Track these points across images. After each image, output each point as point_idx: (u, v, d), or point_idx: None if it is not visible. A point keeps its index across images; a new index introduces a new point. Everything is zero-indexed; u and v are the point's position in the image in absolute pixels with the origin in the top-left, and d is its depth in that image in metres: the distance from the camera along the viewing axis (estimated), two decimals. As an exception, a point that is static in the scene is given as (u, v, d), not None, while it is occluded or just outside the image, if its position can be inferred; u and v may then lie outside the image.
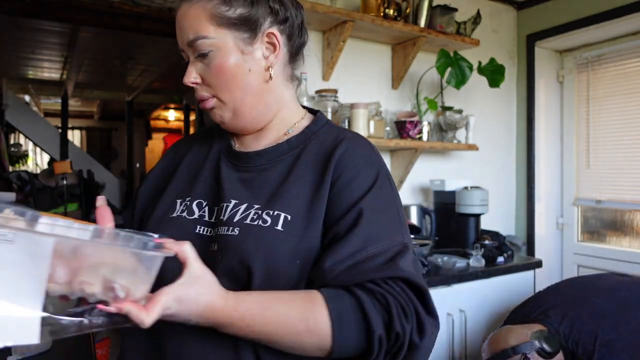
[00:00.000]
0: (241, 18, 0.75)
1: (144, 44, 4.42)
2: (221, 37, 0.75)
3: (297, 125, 0.85)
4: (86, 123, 9.36)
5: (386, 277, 0.65)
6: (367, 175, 0.76)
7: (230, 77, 0.76)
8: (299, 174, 0.77)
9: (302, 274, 0.71)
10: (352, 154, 0.77)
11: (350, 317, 0.63)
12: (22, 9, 2.01)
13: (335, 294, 0.65)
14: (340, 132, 0.83)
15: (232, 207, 0.75)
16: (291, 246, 0.71)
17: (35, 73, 5.70)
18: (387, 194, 0.76)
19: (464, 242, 2.30)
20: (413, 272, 0.67)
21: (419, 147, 2.25)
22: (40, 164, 8.31)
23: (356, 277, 0.65)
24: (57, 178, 4.15)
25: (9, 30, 3.94)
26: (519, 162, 2.95)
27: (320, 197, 0.74)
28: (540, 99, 2.88)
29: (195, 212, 0.79)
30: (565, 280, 1.86)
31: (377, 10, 2.11)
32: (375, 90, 2.41)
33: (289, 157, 0.80)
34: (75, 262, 0.53)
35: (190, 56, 0.77)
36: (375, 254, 0.67)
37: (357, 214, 0.71)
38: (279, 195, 0.75)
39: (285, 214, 0.72)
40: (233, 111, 0.79)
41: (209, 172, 0.83)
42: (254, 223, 0.72)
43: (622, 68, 2.65)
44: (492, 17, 2.82)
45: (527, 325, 1.58)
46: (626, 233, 2.67)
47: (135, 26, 2.19)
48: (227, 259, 0.71)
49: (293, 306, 0.64)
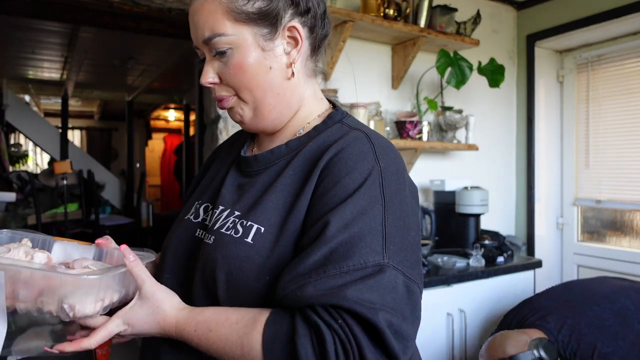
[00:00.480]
0: (260, 12, 0.70)
1: (144, 44, 4.42)
2: (239, 33, 0.70)
3: (310, 124, 0.78)
4: (86, 123, 9.36)
5: (327, 305, 0.56)
6: (353, 178, 0.64)
7: (250, 76, 0.71)
8: (285, 181, 0.71)
9: (270, 290, 0.64)
10: (342, 156, 0.67)
11: (280, 348, 0.57)
12: (22, 9, 2.01)
13: (277, 318, 0.60)
14: (348, 131, 0.73)
15: (218, 213, 0.75)
16: (259, 261, 0.65)
17: (35, 73, 5.69)
18: (371, 200, 0.63)
19: (464, 242, 2.30)
20: (365, 303, 0.55)
21: (419, 147, 2.25)
22: (40, 164, 8.30)
23: (300, 301, 0.58)
24: (57, 178, 4.14)
25: (9, 30, 3.94)
26: (519, 162, 2.95)
27: (299, 207, 0.66)
28: (540, 99, 2.88)
29: (200, 216, 0.80)
30: (562, 284, 1.85)
31: (377, 10, 2.11)
32: (375, 90, 2.41)
33: (281, 162, 0.75)
34: (35, 286, 0.61)
35: (207, 54, 0.73)
36: (333, 274, 0.57)
37: (323, 224, 0.61)
38: (259, 204, 0.70)
39: (259, 226, 0.67)
40: (254, 111, 0.74)
41: (221, 176, 0.84)
42: (227, 232, 0.70)
43: (622, 68, 2.65)
44: (492, 17, 2.82)
45: (524, 330, 1.57)
46: (626, 233, 2.67)
47: (135, 26, 2.19)
48: (201, 266, 0.71)
49: (235, 329, 0.61)
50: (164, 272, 0.79)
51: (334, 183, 0.64)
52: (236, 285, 0.66)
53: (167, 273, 0.79)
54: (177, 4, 2.01)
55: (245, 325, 0.61)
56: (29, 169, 7.19)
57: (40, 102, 7.85)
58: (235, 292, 0.66)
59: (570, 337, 1.50)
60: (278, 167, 0.74)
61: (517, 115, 2.96)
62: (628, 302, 1.57)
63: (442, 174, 2.63)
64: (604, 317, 1.52)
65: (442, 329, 1.93)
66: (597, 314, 1.54)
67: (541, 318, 1.60)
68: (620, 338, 1.47)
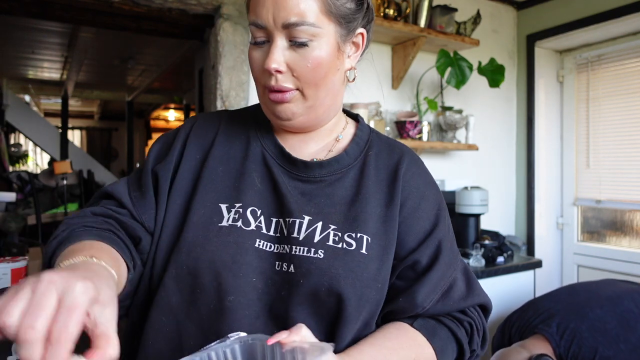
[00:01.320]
0: (350, 13, 0.68)
1: (144, 44, 4.42)
2: (327, 28, 0.66)
3: (345, 131, 0.80)
4: (86, 123, 9.37)
5: (470, 306, 0.75)
6: (433, 197, 0.77)
7: (323, 73, 0.68)
8: (368, 191, 0.73)
9: (380, 296, 0.71)
10: (414, 173, 0.77)
11: (449, 348, 0.72)
12: (22, 9, 2.01)
13: (432, 330, 0.72)
14: (390, 142, 0.81)
15: (307, 225, 0.69)
16: (374, 270, 0.69)
17: (35, 73, 5.70)
18: (448, 216, 0.79)
19: (464, 242, 2.30)
20: (485, 294, 0.77)
21: (419, 147, 2.25)
22: (40, 164, 8.31)
23: (446, 308, 0.73)
24: (57, 178, 4.14)
25: (9, 30, 3.94)
26: (519, 162, 2.95)
27: (392, 217, 0.72)
28: (540, 99, 2.88)
29: (251, 223, 0.70)
30: (567, 286, 1.84)
31: (377, 10, 2.11)
32: (375, 90, 2.41)
33: (351, 170, 0.75)
34: None
35: (277, 38, 0.66)
36: (454, 278, 0.74)
37: (437, 244, 0.74)
38: (356, 215, 0.70)
39: (367, 236, 0.69)
40: (308, 109, 0.71)
41: (259, 175, 0.74)
42: (337, 246, 0.68)
43: (622, 68, 2.65)
44: (492, 17, 2.82)
45: (524, 344, 1.56)
46: (626, 233, 2.67)
47: (135, 26, 2.19)
48: (311, 283, 0.65)
49: (406, 354, 0.68)
50: (226, 294, 0.66)
51: (421, 198, 0.76)
52: (360, 296, 0.67)
53: (231, 295, 0.66)
54: (177, 4, 2.01)
55: (411, 347, 0.69)
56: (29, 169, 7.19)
57: (40, 102, 7.85)
58: (359, 303, 0.67)
59: (572, 341, 1.50)
60: (351, 177, 0.74)
61: (517, 115, 2.96)
62: (632, 305, 1.57)
63: (442, 174, 2.63)
64: (606, 320, 1.52)
65: (442, 329, 1.93)
66: (599, 317, 1.53)
67: (543, 322, 1.59)
68: (622, 341, 1.47)
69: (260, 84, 0.71)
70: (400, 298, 0.71)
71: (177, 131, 0.80)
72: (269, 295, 0.67)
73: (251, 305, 0.66)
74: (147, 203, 0.73)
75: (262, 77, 0.69)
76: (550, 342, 1.52)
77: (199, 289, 0.67)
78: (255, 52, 0.69)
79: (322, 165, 0.74)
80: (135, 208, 0.72)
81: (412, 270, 0.73)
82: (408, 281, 0.72)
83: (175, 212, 0.72)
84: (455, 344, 0.73)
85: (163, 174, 0.74)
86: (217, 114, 0.83)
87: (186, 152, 0.75)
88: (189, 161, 0.75)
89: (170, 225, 0.71)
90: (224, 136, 0.78)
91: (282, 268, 0.67)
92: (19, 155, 6.05)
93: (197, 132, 0.78)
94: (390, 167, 0.76)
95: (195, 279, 0.67)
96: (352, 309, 0.66)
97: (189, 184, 0.73)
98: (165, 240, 0.71)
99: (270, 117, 0.74)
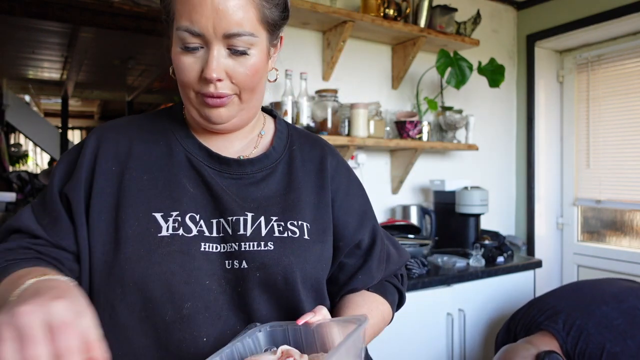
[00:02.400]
0: (279, 20, 0.71)
1: (144, 44, 4.42)
2: (262, 37, 0.69)
3: (265, 126, 0.84)
4: (86, 123, 9.36)
5: (404, 264, 0.92)
6: (355, 179, 0.88)
7: (259, 80, 0.72)
8: (299, 182, 0.78)
9: (325, 274, 0.78)
10: (338, 162, 0.86)
11: (395, 297, 0.89)
12: (22, 9, 2.01)
13: (383, 289, 0.86)
14: (309, 136, 0.88)
15: (251, 221, 0.71)
16: (318, 252, 0.75)
17: (35, 73, 5.70)
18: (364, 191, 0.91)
19: (464, 242, 2.30)
20: (404, 249, 0.94)
21: (419, 147, 2.25)
22: (40, 164, 8.31)
23: (389, 272, 0.88)
24: (57, 178, 4.14)
25: (9, 30, 3.94)
26: (519, 162, 2.95)
27: (325, 203, 0.79)
28: (540, 99, 2.88)
29: (192, 229, 0.69)
30: (570, 283, 1.84)
31: (377, 10, 2.11)
32: (375, 90, 2.41)
33: (279, 164, 0.79)
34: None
35: (215, 46, 0.65)
36: (387, 245, 0.88)
37: (373, 222, 0.86)
38: (292, 204, 0.75)
39: (306, 223, 0.75)
40: (241, 112, 0.73)
41: (188, 179, 0.73)
42: (283, 235, 0.72)
43: (622, 68, 2.65)
44: (492, 17, 2.82)
45: (531, 340, 1.55)
46: (626, 233, 2.67)
47: (135, 26, 2.19)
48: (267, 274, 0.69)
49: (376, 314, 0.81)
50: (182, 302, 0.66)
51: (347, 185, 0.85)
52: (311, 280, 0.74)
53: (187, 301, 0.66)
54: (177, 4, 2.00)
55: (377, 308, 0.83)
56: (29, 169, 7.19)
57: (40, 102, 7.85)
58: (310, 287, 0.74)
59: (579, 337, 1.49)
60: (280, 170, 0.79)
61: (517, 115, 2.96)
62: (636, 302, 1.57)
63: (442, 174, 2.63)
64: (613, 317, 1.52)
65: (442, 329, 1.93)
66: (605, 313, 1.53)
67: (549, 318, 1.59)
68: (629, 337, 1.46)
69: (192, 90, 0.70)
70: (359, 276, 0.82)
71: (80, 148, 0.75)
72: (225, 294, 0.69)
73: (210, 307, 0.67)
74: (63, 228, 0.69)
75: (196, 83, 0.68)
76: (557, 339, 1.52)
77: (150, 304, 0.65)
78: (187, 58, 0.67)
79: (252, 162, 0.77)
80: (50, 235, 0.69)
81: (358, 249, 0.82)
82: (358, 258, 0.83)
83: (101, 229, 0.68)
84: (397, 292, 0.89)
85: (74, 194, 0.70)
86: (124, 122, 0.79)
87: (98, 167, 0.72)
88: (104, 174, 0.71)
89: (100, 243, 0.68)
90: (141, 144, 0.75)
91: (234, 265, 0.69)
92: (19, 155, 6.06)
93: (107, 144, 0.74)
94: (316, 158, 0.83)
95: (144, 293, 0.65)
96: (305, 291, 0.73)
97: (111, 198, 0.70)
98: (101, 259, 0.68)
99: (200, 120, 0.73)
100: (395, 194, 2.48)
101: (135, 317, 0.66)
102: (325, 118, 2.03)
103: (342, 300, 0.82)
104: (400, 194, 2.50)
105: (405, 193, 2.52)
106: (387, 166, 2.46)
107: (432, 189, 2.48)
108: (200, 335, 0.66)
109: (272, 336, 0.64)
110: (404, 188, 2.51)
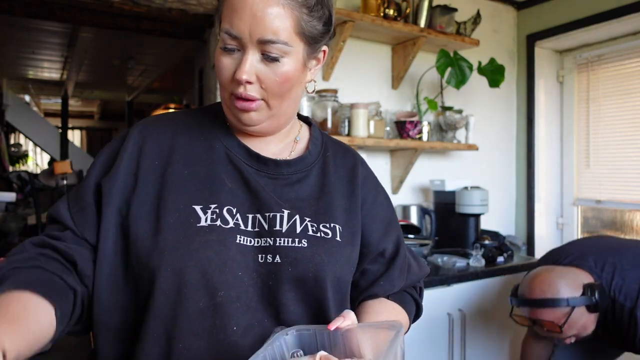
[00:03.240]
0: (318, 35, 0.73)
1: (144, 44, 4.43)
2: (297, 47, 0.71)
3: (301, 133, 0.87)
4: (86, 123, 9.37)
5: (423, 277, 0.94)
6: (382, 190, 0.92)
7: (289, 88, 0.73)
8: (332, 187, 0.82)
9: (350, 277, 0.81)
10: (368, 172, 0.91)
11: (413, 308, 0.91)
12: (22, 9, 2.02)
13: (402, 298, 0.88)
14: (341, 145, 0.91)
15: (287, 218, 0.75)
16: (347, 254, 0.78)
17: (35, 73, 5.70)
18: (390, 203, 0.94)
19: (464, 242, 2.30)
20: (424, 263, 0.96)
21: (419, 147, 2.25)
22: (40, 164, 8.31)
23: (409, 283, 0.90)
24: (57, 178, 4.14)
25: (9, 30, 3.94)
26: (519, 162, 2.95)
27: (355, 209, 0.82)
28: (540, 99, 2.88)
29: (229, 221, 0.72)
30: (586, 237, 1.75)
31: (377, 10, 2.11)
32: (375, 90, 2.41)
33: (313, 169, 0.83)
34: None
35: (250, 50, 0.69)
36: (408, 257, 0.90)
37: (397, 231, 0.89)
38: (325, 208, 0.79)
39: (339, 225, 0.78)
40: (272, 117, 0.76)
41: (228, 175, 0.76)
42: (317, 235, 0.75)
43: (622, 68, 2.65)
44: (492, 17, 2.82)
45: (572, 270, 1.48)
46: (626, 233, 2.67)
47: (135, 26, 2.19)
48: (299, 270, 0.72)
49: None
50: (216, 290, 0.68)
51: (375, 194, 0.89)
52: (339, 281, 0.77)
53: (221, 290, 0.69)
54: (177, 4, 2.01)
55: (397, 317, 0.85)
56: (29, 169, 7.19)
57: (40, 102, 7.86)
58: (339, 287, 0.77)
59: (614, 273, 1.44)
60: (315, 174, 0.82)
61: (517, 115, 2.96)
62: None
63: (442, 174, 2.63)
64: None
65: (442, 328, 1.93)
66: (636, 253, 1.49)
67: (578, 258, 1.52)
68: None
69: (227, 90, 0.73)
70: (381, 282, 0.84)
71: (122, 141, 0.78)
72: (256, 287, 0.71)
73: (241, 297, 0.70)
74: (89, 219, 0.72)
75: (230, 84, 0.72)
76: (592, 274, 1.46)
77: (185, 289, 0.68)
78: (225, 59, 0.71)
79: (289, 163, 0.80)
80: (77, 226, 0.72)
81: (382, 257, 0.85)
82: (381, 266, 0.85)
83: (144, 218, 0.71)
84: (414, 304, 0.91)
85: (109, 187, 0.72)
86: (169, 117, 0.83)
87: (142, 161, 0.75)
88: (148, 168, 0.75)
89: (141, 232, 0.70)
90: (183, 140, 0.78)
91: (267, 260, 0.72)
92: (19, 155, 6.06)
93: (152, 139, 0.77)
94: (348, 166, 0.87)
95: (180, 278, 0.67)
96: (332, 291, 0.75)
97: (154, 190, 0.73)
98: (143, 247, 0.70)
99: (234, 120, 0.77)
100: (395, 194, 2.48)
101: (171, 302, 0.68)
102: (325, 118, 2.03)
103: (362, 306, 0.84)
104: (400, 194, 2.50)
105: (405, 193, 2.52)
106: (387, 166, 2.47)
107: (432, 189, 2.48)
108: (230, 324, 0.68)
109: (300, 339, 0.64)
110: (404, 188, 2.51)
